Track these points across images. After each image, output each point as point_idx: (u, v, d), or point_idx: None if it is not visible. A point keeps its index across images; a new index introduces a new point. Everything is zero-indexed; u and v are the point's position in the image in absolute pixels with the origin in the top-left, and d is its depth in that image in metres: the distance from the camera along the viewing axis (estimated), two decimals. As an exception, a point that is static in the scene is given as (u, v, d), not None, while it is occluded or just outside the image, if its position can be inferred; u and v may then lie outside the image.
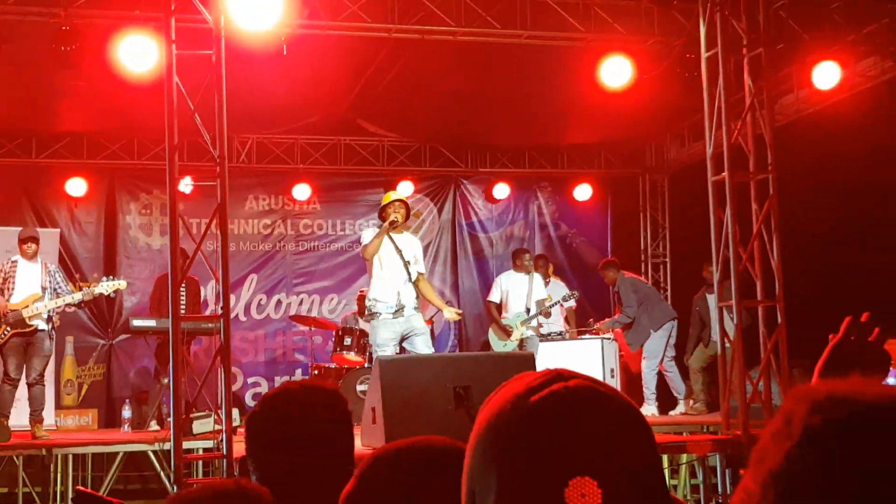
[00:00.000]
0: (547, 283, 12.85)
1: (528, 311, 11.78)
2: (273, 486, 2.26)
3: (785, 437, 0.94)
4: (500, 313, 12.03)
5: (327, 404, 2.54)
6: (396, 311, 9.21)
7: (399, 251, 9.44)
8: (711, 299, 10.89)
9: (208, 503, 2.00)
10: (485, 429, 1.21)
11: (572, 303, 12.98)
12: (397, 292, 9.27)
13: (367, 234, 9.66)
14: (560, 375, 1.21)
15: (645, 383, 11.91)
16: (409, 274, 9.39)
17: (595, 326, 12.25)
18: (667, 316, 12.08)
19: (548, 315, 12.00)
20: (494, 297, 12.21)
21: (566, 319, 12.92)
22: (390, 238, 9.44)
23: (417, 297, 9.52)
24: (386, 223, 9.43)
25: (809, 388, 0.98)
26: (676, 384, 11.97)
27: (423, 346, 9.25)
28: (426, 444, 1.79)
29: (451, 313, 10.13)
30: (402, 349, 9.47)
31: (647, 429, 1.20)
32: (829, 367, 2.05)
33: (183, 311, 11.09)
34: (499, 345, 11.86)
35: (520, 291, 11.88)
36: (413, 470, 1.72)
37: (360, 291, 13.26)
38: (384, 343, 9.23)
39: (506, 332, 11.79)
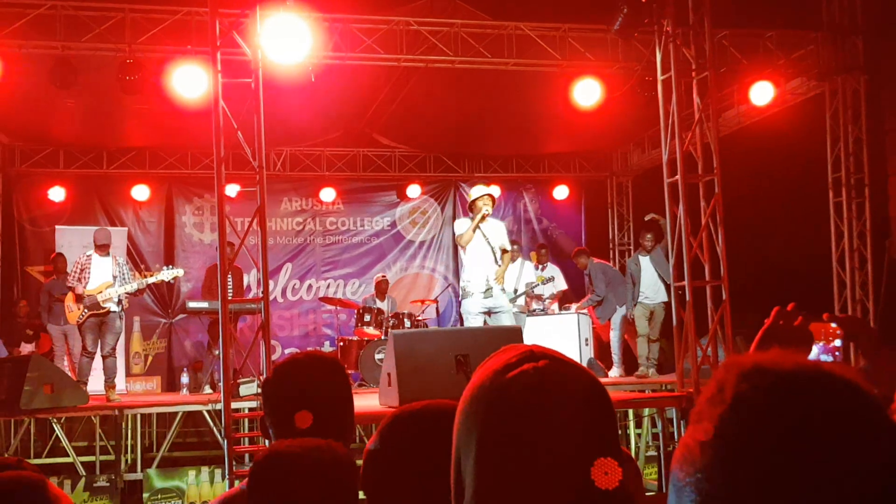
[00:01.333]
0: (544, 268, 12.84)
1: (515, 291, 11.76)
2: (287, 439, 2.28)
3: (718, 401, 0.91)
4: None
5: (328, 369, 2.55)
6: (486, 291, 8.72)
7: (486, 238, 8.80)
8: (644, 261, 10.93)
9: (303, 454, 2.00)
10: (468, 399, 1.20)
11: (561, 285, 12.89)
12: (486, 276, 8.73)
13: (461, 225, 8.98)
14: (532, 354, 1.19)
15: (613, 350, 11.90)
16: (495, 258, 8.80)
17: (573, 308, 12.18)
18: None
19: (531, 296, 11.95)
20: None
21: (554, 298, 12.81)
22: (479, 228, 8.80)
23: (503, 287, 8.93)
24: (478, 217, 8.74)
25: (739, 359, 0.95)
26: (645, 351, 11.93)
27: (507, 321, 8.68)
28: (436, 407, 1.80)
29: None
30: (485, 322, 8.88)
31: (601, 399, 1.18)
32: (761, 346, 2.03)
33: (230, 295, 11.13)
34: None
35: (510, 276, 11.85)
36: (425, 427, 1.74)
37: (379, 276, 13.28)
38: (473, 314, 8.71)
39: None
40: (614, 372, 11.73)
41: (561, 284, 12.87)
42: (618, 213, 15.57)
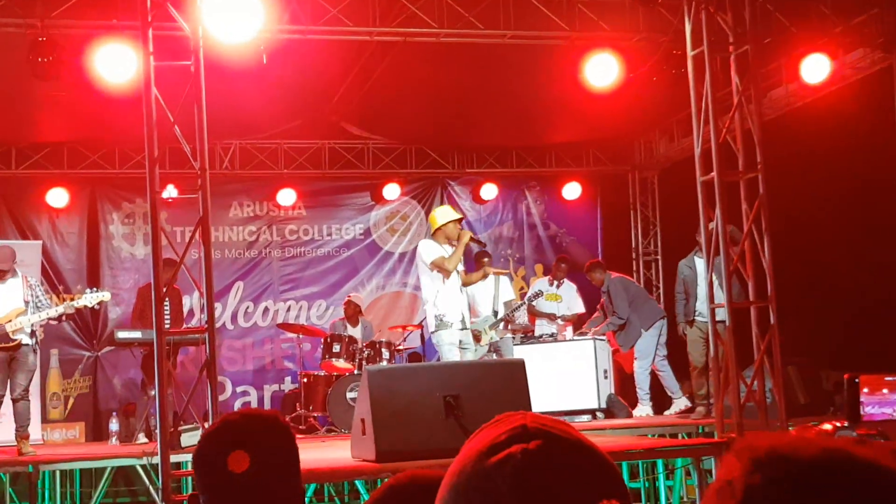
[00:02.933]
0: (560, 284, 12.84)
1: (495, 314, 11.77)
2: None
3: (728, 495, 0.92)
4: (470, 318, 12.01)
5: (268, 430, 2.53)
6: (462, 321, 9.59)
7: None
8: (700, 263, 10.45)
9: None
10: (448, 488, 1.19)
11: (577, 307, 12.89)
12: (462, 308, 9.64)
13: (433, 247, 9.77)
14: (524, 432, 1.18)
15: (638, 384, 11.90)
16: (460, 287, 9.76)
17: (590, 335, 12.12)
18: (656, 314, 12.01)
19: (512, 319, 11.89)
20: None
21: (568, 322, 12.81)
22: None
23: (487, 331, 10.10)
24: (466, 237, 9.78)
25: (751, 443, 0.96)
26: (670, 383, 11.93)
27: (470, 355, 9.66)
28: (424, 482, 1.78)
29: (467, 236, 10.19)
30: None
31: (610, 490, 1.16)
32: None
33: (167, 323, 11.09)
34: None
35: (485, 295, 11.85)
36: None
37: (347, 297, 13.27)
38: (448, 344, 9.47)
39: (475, 337, 11.77)
40: (641, 410, 11.73)
41: (577, 306, 12.89)
42: (641, 216, 15.60)
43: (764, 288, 8.77)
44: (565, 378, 11.47)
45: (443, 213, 10.05)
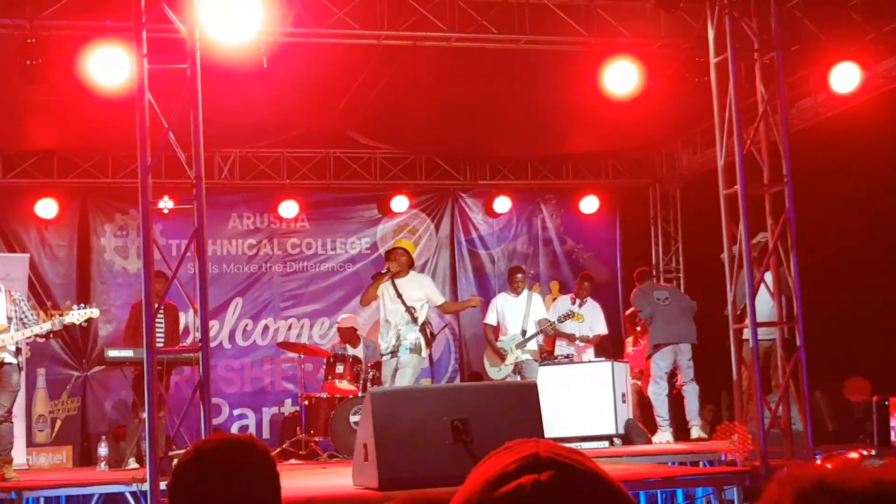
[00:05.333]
0: (583, 303, 12.81)
1: (523, 333, 11.75)
2: None
3: None
4: (496, 336, 12.03)
5: (246, 457, 2.51)
6: (392, 353, 10.15)
7: (400, 296, 10.30)
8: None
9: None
10: None
11: (600, 328, 12.88)
12: (396, 334, 10.18)
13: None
14: (536, 462, 1.16)
15: (655, 409, 11.86)
16: (412, 318, 10.24)
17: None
18: (663, 338, 11.97)
19: (547, 337, 11.99)
20: (490, 319, 12.22)
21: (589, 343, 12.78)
22: (393, 283, 10.37)
23: (419, 339, 10.32)
24: (375, 275, 10.62)
25: (795, 473, 0.94)
26: (690, 408, 11.89)
27: (400, 380, 10.09)
28: (440, 500, 1.77)
29: (476, 301, 11.62)
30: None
31: None
32: None
33: (161, 341, 11.10)
34: (493, 370, 11.85)
35: (516, 313, 11.85)
36: None
37: (336, 323, 13.29)
38: (385, 380, 10.35)
39: (500, 355, 11.78)
40: (661, 437, 11.69)
41: (599, 327, 12.85)
42: (663, 231, 15.59)
43: (790, 308, 8.75)
44: (581, 402, 11.44)
45: (394, 243, 11.38)
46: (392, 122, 13.15)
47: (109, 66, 9.12)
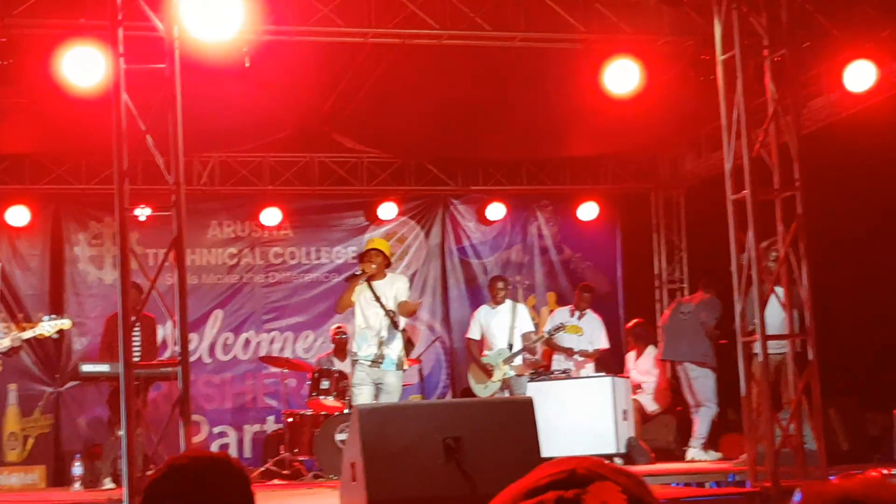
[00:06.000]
0: (582, 315, 12.78)
1: (510, 347, 11.72)
2: None
3: None
4: (481, 351, 11.99)
5: (219, 475, 2.49)
6: (375, 361, 9.87)
7: (378, 299, 9.99)
8: None
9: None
10: None
11: (600, 342, 12.85)
12: (379, 341, 9.86)
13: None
14: (571, 478, 1.18)
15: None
16: (393, 323, 9.96)
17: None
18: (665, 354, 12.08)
19: (533, 352, 11.95)
20: (473, 333, 12.22)
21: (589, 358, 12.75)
22: (369, 286, 10.01)
23: (401, 354, 10.09)
24: (348, 276, 10.37)
25: (819, 490, 0.95)
26: (698, 428, 11.90)
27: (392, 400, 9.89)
28: None
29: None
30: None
31: None
32: None
33: (138, 355, 11.03)
34: (478, 388, 11.81)
35: (501, 325, 11.82)
36: None
37: (336, 327, 13.22)
38: (359, 383, 9.95)
39: (486, 371, 11.74)
40: (694, 452, 11.72)
41: (600, 341, 12.83)
42: (666, 239, 15.58)
43: (802, 319, 8.73)
44: (580, 419, 11.41)
45: (367, 241, 11.23)
46: (380, 125, 13.12)
47: (84, 67, 9.07)
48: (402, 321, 10.11)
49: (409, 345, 10.46)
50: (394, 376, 9.92)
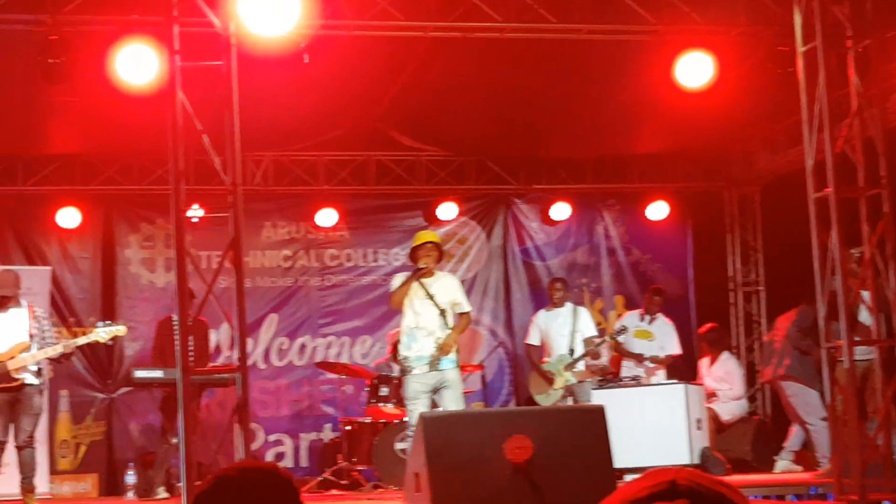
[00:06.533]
0: (653, 320, 12.71)
1: (571, 352, 11.66)
2: None
3: None
4: (541, 357, 11.95)
5: (269, 487, 2.48)
6: (432, 363, 9.51)
7: (431, 297, 9.69)
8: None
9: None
10: None
11: (672, 347, 12.76)
12: (434, 342, 9.53)
13: (396, 281, 9.99)
14: (672, 489, 1.17)
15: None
16: (445, 323, 9.63)
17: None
18: None
19: (596, 356, 11.84)
20: (532, 338, 12.19)
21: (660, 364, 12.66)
22: (421, 284, 9.71)
23: (457, 349, 9.79)
24: (413, 272, 9.76)
25: None
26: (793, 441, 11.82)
27: (450, 401, 9.46)
28: None
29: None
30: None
31: None
32: None
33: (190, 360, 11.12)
34: (540, 397, 11.76)
35: (561, 330, 11.77)
36: None
37: (395, 331, 13.22)
38: (414, 396, 9.50)
39: (547, 379, 11.70)
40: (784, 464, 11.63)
41: (671, 346, 12.74)
42: (740, 239, 15.45)
43: (889, 323, 8.63)
44: (651, 428, 11.32)
45: (418, 236, 10.29)
46: (439, 122, 13.14)
47: (136, 64, 9.16)
48: (452, 319, 9.77)
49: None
50: (454, 372, 9.63)
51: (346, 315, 14.57)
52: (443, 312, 9.64)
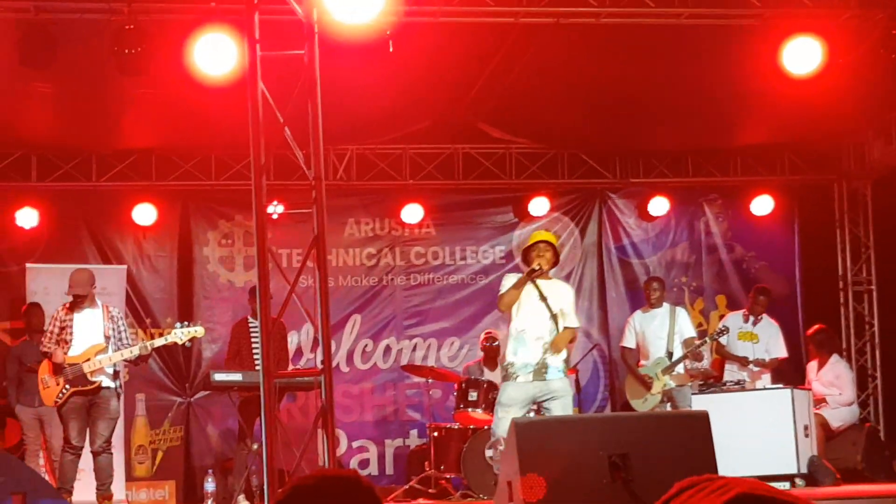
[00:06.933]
0: (758, 321, 12.61)
1: (670, 355, 11.58)
2: None
3: None
4: (637, 361, 11.88)
5: (348, 496, 2.48)
6: (537, 371, 9.18)
7: (545, 299, 9.35)
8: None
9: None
10: None
11: (778, 350, 12.65)
12: (543, 349, 9.20)
13: (507, 281, 9.58)
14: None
15: None
16: (557, 328, 9.28)
17: None
18: None
19: (699, 358, 11.75)
20: (628, 341, 12.15)
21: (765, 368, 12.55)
22: (535, 285, 9.37)
23: (566, 358, 9.50)
24: (524, 274, 9.39)
25: None
26: None
27: (558, 409, 9.13)
28: None
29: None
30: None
31: None
32: None
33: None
34: (637, 402, 11.69)
35: (659, 331, 11.70)
36: None
37: (485, 333, 13.24)
38: (508, 403, 9.18)
39: (644, 384, 11.63)
40: None
41: (777, 349, 12.63)
42: (851, 236, 15.25)
43: None
44: (756, 435, 11.23)
45: (532, 234, 9.99)
46: (530, 113, 13.12)
47: (215, 54, 9.26)
48: (562, 327, 9.40)
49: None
50: (561, 382, 9.28)
51: (433, 316, 14.62)
52: (554, 317, 9.32)
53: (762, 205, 14.93)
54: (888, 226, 14.42)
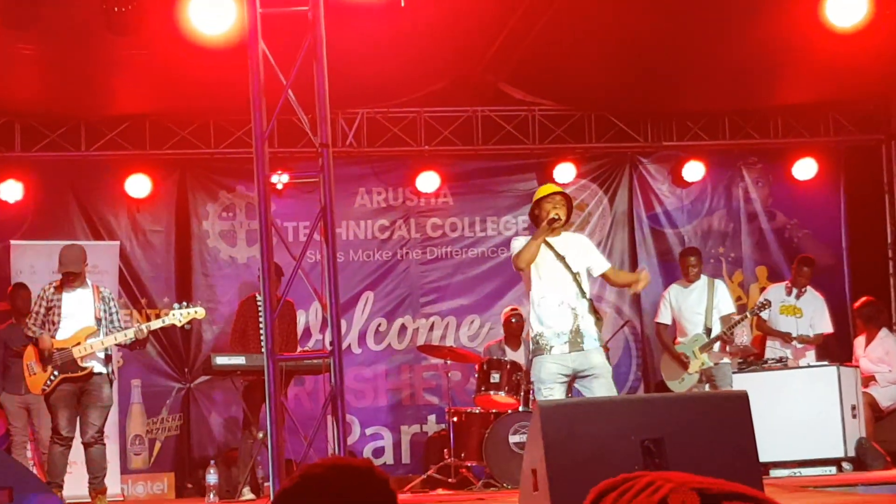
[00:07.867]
0: (801, 293, 12.60)
1: (708, 332, 11.57)
2: None
3: None
4: (674, 338, 11.87)
5: (360, 486, 2.49)
6: (573, 341, 8.75)
7: (562, 258, 8.85)
8: None
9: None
10: None
11: (823, 325, 12.65)
12: (573, 314, 8.78)
13: (519, 242, 9.09)
14: None
15: None
16: (581, 290, 8.83)
17: None
18: None
19: (730, 341, 11.62)
20: (663, 317, 12.14)
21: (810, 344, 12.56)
22: (548, 245, 8.85)
23: (599, 323, 9.04)
24: (544, 223, 8.76)
25: None
26: None
27: (601, 390, 8.73)
28: None
29: (643, 280, 9.31)
30: (571, 390, 9.03)
31: None
32: None
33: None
34: (673, 383, 11.69)
35: (696, 307, 11.69)
36: None
37: (510, 309, 13.24)
38: (550, 380, 8.72)
39: (681, 362, 11.62)
40: None
41: (822, 324, 12.63)
42: (901, 200, 15.23)
43: None
44: (800, 417, 11.28)
45: (542, 189, 9.23)
46: (554, 72, 13.13)
47: (212, 13, 9.27)
48: (587, 287, 8.93)
49: (597, 317, 9.11)
50: (600, 356, 8.86)
51: (451, 292, 14.61)
52: (576, 277, 8.81)
53: (805, 168, 14.90)
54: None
